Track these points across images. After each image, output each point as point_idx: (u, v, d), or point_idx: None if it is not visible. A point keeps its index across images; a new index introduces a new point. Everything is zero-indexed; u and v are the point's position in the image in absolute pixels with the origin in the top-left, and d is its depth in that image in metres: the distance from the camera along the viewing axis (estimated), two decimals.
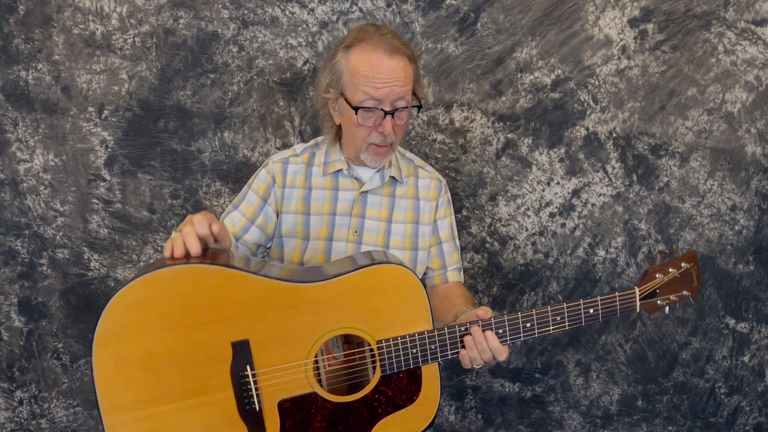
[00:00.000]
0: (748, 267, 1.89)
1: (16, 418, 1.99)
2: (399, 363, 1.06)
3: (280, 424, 1.00)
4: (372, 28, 1.24)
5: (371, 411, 1.05)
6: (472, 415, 2.04)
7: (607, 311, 1.16)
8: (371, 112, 1.22)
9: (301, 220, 1.34)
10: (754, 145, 1.78)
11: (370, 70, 1.20)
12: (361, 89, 1.21)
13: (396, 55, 1.20)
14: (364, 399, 1.06)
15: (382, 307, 1.06)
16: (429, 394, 1.08)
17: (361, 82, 1.20)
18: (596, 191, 1.83)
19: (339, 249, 1.33)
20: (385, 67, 1.19)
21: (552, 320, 1.12)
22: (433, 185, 1.42)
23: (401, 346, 1.07)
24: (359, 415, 1.04)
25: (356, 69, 1.21)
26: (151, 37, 1.67)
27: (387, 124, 1.23)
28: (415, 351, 1.07)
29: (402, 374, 1.07)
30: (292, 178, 1.35)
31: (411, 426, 1.05)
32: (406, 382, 1.07)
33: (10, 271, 1.84)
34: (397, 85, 1.20)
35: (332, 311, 1.04)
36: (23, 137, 1.73)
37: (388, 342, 1.06)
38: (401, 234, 1.36)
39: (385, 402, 1.06)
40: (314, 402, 1.03)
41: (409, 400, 1.06)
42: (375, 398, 1.06)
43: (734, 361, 1.97)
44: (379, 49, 1.20)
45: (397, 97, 1.22)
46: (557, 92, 1.74)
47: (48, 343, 1.91)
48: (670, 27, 1.70)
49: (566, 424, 2.04)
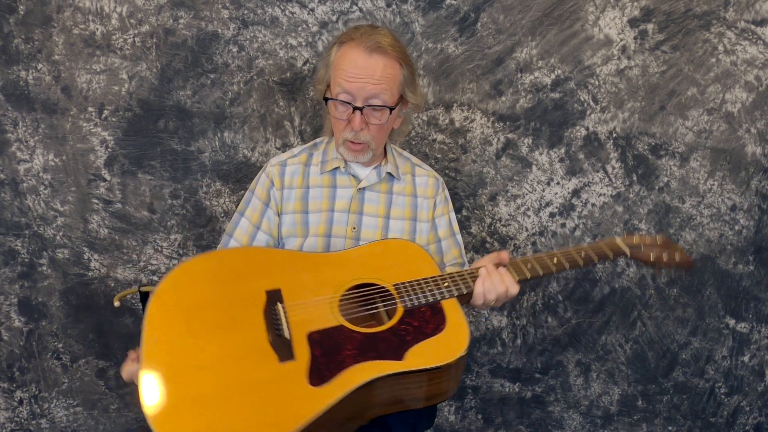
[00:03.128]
0: (748, 267, 1.89)
1: (16, 418, 1.99)
2: (418, 298, 1.13)
3: (310, 352, 1.03)
4: (366, 27, 1.26)
5: (401, 339, 1.08)
6: (472, 415, 2.04)
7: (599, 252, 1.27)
8: (343, 105, 1.24)
9: (299, 219, 1.35)
10: (754, 145, 1.78)
11: (346, 65, 1.22)
12: (336, 81, 1.24)
13: (376, 53, 1.21)
14: (391, 329, 1.09)
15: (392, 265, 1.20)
16: (456, 323, 1.11)
17: (338, 74, 1.23)
18: (596, 191, 1.83)
19: (337, 245, 1.34)
20: (360, 62, 1.21)
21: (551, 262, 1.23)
22: (431, 183, 1.43)
23: (416, 285, 1.16)
24: (389, 342, 1.07)
25: (337, 63, 1.24)
26: (151, 37, 1.67)
27: (355, 118, 1.24)
28: (430, 288, 1.15)
29: (423, 308, 1.12)
30: (290, 179, 1.37)
31: (447, 351, 1.06)
32: (430, 314, 1.12)
33: (10, 271, 1.84)
34: (371, 82, 1.21)
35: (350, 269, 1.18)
36: (23, 137, 1.73)
37: (404, 284, 1.16)
38: (399, 230, 1.37)
39: (413, 331, 1.09)
40: (342, 333, 1.07)
41: (436, 329, 1.10)
42: (402, 328, 1.09)
43: (734, 361, 1.97)
44: (360, 45, 1.21)
45: (369, 95, 1.22)
46: (557, 92, 1.74)
47: (48, 343, 1.91)
48: (670, 27, 1.70)
49: (566, 424, 2.04)
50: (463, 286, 1.17)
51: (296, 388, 0.98)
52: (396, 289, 1.16)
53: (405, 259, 1.23)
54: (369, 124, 1.26)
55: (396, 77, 1.25)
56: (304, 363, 1.02)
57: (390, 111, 1.26)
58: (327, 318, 1.08)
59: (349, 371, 1.01)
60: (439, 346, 1.07)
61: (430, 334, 1.09)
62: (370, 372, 1.01)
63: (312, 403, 0.96)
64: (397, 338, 1.08)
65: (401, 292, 1.15)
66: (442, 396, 1.12)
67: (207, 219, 1.81)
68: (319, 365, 1.01)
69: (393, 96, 1.26)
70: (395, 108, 1.27)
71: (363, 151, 1.30)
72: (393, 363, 1.03)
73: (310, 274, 1.16)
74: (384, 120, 1.27)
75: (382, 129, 1.29)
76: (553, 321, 1.94)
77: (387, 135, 1.36)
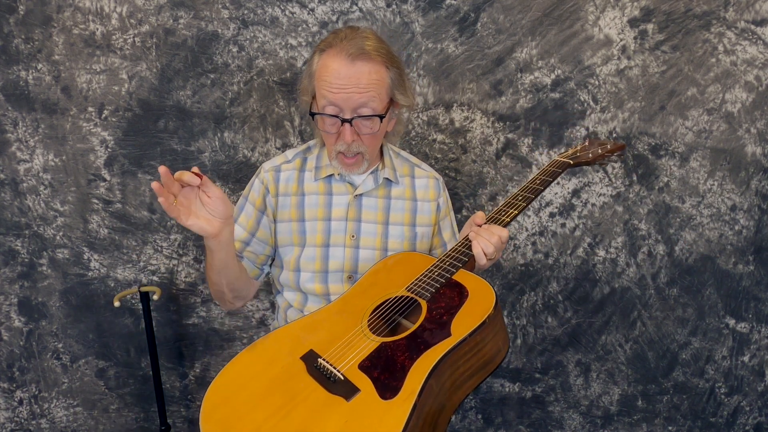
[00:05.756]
0: (748, 267, 1.89)
1: (16, 418, 1.99)
2: (432, 285, 1.16)
3: (370, 378, 1.05)
4: (347, 31, 1.19)
5: (439, 322, 1.12)
6: (472, 415, 2.04)
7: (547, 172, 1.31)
8: (330, 118, 1.19)
9: (296, 227, 1.32)
10: (754, 145, 1.78)
11: (329, 75, 1.16)
12: (320, 93, 1.18)
13: (359, 60, 1.15)
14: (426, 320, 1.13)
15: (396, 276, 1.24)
16: (474, 284, 1.17)
17: (321, 86, 1.18)
18: (596, 191, 1.83)
19: (336, 254, 1.31)
20: (343, 72, 1.15)
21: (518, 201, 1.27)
22: (431, 185, 1.40)
23: (424, 277, 1.19)
24: (431, 330, 1.10)
25: (320, 74, 1.18)
26: (151, 37, 1.67)
27: (345, 132, 1.19)
28: (438, 273, 1.18)
29: (440, 290, 1.16)
30: (285, 186, 1.32)
31: (481, 308, 1.11)
32: (449, 291, 1.16)
33: (10, 271, 1.84)
34: (356, 91, 1.15)
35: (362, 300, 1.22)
36: (23, 137, 1.73)
37: (414, 282, 1.19)
38: (399, 236, 1.35)
39: (445, 311, 1.13)
40: (387, 347, 1.09)
41: (462, 298, 1.14)
42: (434, 315, 1.13)
43: (734, 361, 1.97)
44: (342, 53, 1.15)
45: (357, 104, 1.16)
46: (557, 92, 1.74)
47: (48, 343, 1.91)
48: (670, 27, 1.70)
49: (566, 424, 2.04)
50: (463, 256, 1.20)
51: (374, 410, 0.99)
52: (409, 290, 1.18)
53: (405, 267, 1.26)
54: (360, 134, 1.21)
55: (383, 81, 1.19)
56: (369, 389, 1.03)
57: (380, 119, 1.21)
58: (367, 345, 1.10)
59: (413, 371, 1.03)
60: (473, 308, 1.12)
61: (460, 305, 1.13)
62: (431, 360, 1.04)
63: (396, 414, 0.97)
64: (435, 324, 1.11)
65: (415, 290, 1.17)
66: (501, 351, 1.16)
67: None
68: (384, 382, 1.03)
69: (382, 101, 1.20)
70: (386, 115, 1.22)
71: (358, 164, 1.26)
72: (444, 342, 1.06)
73: (329, 324, 1.18)
74: (376, 129, 1.21)
75: (374, 137, 1.24)
76: (553, 321, 1.94)
77: (381, 140, 1.32)
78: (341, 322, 1.18)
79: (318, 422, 1.00)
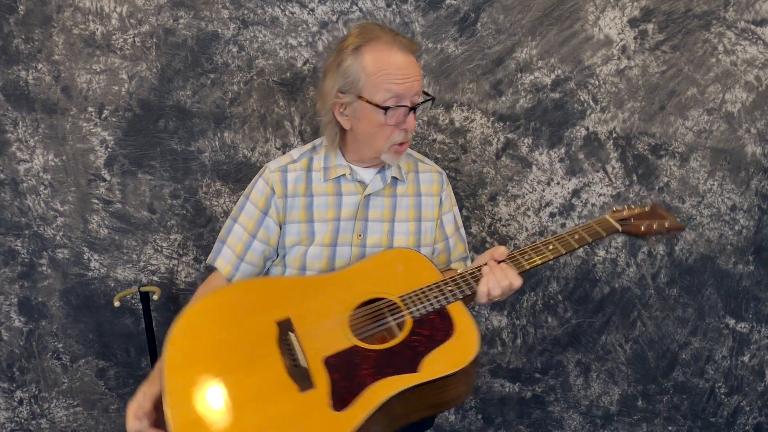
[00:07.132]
0: (748, 267, 1.89)
1: (16, 418, 1.99)
2: (424, 307, 1.15)
3: (329, 378, 1.04)
4: (374, 26, 1.24)
5: (414, 350, 1.09)
6: (472, 415, 2.04)
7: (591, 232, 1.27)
8: (395, 109, 1.22)
9: (305, 228, 1.31)
10: (754, 145, 1.78)
11: (390, 67, 1.19)
12: (383, 87, 1.20)
13: (409, 50, 1.22)
14: (403, 342, 1.11)
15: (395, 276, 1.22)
16: (464, 326, 1.13)
17: (383, 80, 1.19)
18: (596, 191, 1.83)
19: (343, 253, 1.31)
20: (402, 63, 1.20)
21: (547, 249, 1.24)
22: (435, 179, 1.41)
23: (421, 294, 1.17)
24: (403, 356, 1.08)
25: (375, 68, 1.20)
26: (151, 37, 1.67)
27: (411, 119, 1.24)
28: (435, 295, 1.17)
29: (431, 316, 1.14)
30: (294, 187, 1.31)
31: (459, 356, 1.08)
32: (439, 321, 1.14)
33: (10, 271, 1.84)
34: (416, 79, 1.22)
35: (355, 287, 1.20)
36: (23, 137, 1.73)
37: (409, 294, 1.17)
38: (404, 233, 1.35)
39: (425, 340, 1.11)
40: (357, 353, 1.08)
41: (446, 335, 1.12)
42: (414, 339, 1.11)
43: (734, 361, 1.97)
44: (394, 46, 1.20)
45: (416, 92, 1.23)
46: (557, 92, 1.74)
47: (48, 343, 1.91)
48: (670, 27, 1.70)
49: (566, 424, 2.04)
50: (466, 288, 1.18)
51: (320, 416, 1.00)
52: (402, 300, 1.17)
53: (406, 269, 1.24)
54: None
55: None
56: (324, 390, 1.03)
57: (432, 101, 1.29)
58: (340, 340, 1.10)
59: (369, 391, 1.02)
60: (451, 352, 1.08)
61: (441, 341, 1.10)
62: (389, 389, 1.03)
63: (338, 429, 0.98)
64: (410, 350, 1.09)
65: (407, 303, 1.16)
66: (460, 398, 1.14)
67: (207, 219, 1.81)
68: (339, 389, 1.03)
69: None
70: (434, 98, 1.30)
71: (405, 148, 1.30)
72: (410, 376, 1.04)
73: (317, 298, 1.18)
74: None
75: None
76: (553, 321, 1.94)
77: None
78: (330, 299, 1.17)
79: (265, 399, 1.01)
